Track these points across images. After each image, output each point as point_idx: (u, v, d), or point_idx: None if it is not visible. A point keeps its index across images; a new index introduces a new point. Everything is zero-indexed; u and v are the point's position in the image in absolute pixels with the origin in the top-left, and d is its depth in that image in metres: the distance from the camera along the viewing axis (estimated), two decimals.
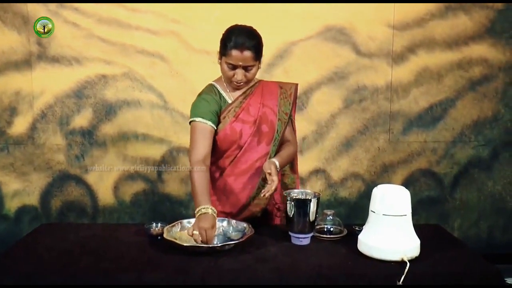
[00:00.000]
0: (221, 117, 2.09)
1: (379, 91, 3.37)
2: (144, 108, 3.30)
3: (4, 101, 3.26)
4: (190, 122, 2.09)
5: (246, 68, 2.01)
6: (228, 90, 2.14)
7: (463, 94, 3.41)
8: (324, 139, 3.40)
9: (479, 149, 3.48)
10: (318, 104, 3.32)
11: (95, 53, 3.23)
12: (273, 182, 1.92)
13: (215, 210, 1.86)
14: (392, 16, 3.29)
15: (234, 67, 2.00)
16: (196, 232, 1.76)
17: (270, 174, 1.93)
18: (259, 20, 2.20)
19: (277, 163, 2.02)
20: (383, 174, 3.45)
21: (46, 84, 3.26)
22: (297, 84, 2.27)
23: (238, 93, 2.13)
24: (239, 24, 2.08)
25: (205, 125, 2.04)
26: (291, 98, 2.20)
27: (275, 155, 2.12)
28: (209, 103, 2.07)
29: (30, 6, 3.16)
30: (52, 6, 3.17)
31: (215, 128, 2.07)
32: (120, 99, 3.29)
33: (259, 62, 2.07)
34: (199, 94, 2.14)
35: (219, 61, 2.08)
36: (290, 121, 2.23)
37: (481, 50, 3.37)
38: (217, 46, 3.24)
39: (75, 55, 3.23)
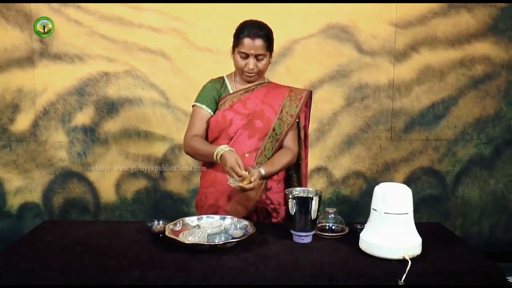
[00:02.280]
0: (219, 104, 2.17)
1: (381, 89, 3.37)
2: (146, 105, 3.31)
3: (6, 98, 3.27)
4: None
5: (257, 58, 2.08)
6: (234, 82, 2.20)
7: (466, 92, 3.41)
8: (326, 137, 3.40)
9: (481, 147, 3.47)
10: (320, 102, 3.31)
11: (97, 51, 3.24)
12: (248, 186, 1.94)
13: (226, 147, 2.00)
14: (394, 14, 3.28)
15: (246, 56, 2.08)
16: (231, 180, 1.94)
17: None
18: (261, 18, 2.20)
19: (262, 171, 2.04)
20: (384, 172, 3.45)
21: (48, 82, 3.26)
22: (310, 91, 2.28)
23: (242, 86, 2.17)
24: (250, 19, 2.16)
25: (201, 109, 2.17)
26: (300, 102, 2.21)
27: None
28: (209, 90, 2.19)
29: (33, 4, 3.16)
30: (55, 4, 3.17)
31: (212, 113, 2.17)
32: (122, 96, 3.30)
33: (270, 56, 2.15)
34: (206, 83, 2.25)
35: (232, 55, 2.15)
36: (298, 128, 2.25)
37: (483, 48, 3.36)
38: (219, 44, 3.26)
39: (77, 52, 3.24)
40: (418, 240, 1.70)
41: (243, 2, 3.16)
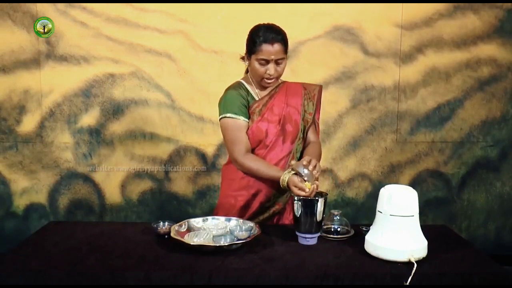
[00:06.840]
0: (249, 112, 2.11)
1: (386, 91, 3.36)
2: (151, 107, 3.32)
3: (13, 99, 3.29)
4: (220, 118, 2.11)
5: (277, 62, 2.04)
6: (255, 88, 2.16)
7: (471, 94, 3.39)
8: (332, 139, 3.40)
9: (487, 149, 3.46)
10: (326, 104, 3.29)
11: (103, 52, 3.25)
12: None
13: (289, 173, 1.92)
14: (400, 15, 3.28)
15: (266, 62, 2.03)
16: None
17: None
18: (266, 20, 2.19)
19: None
20: (390, 174, 3.44)
21: (55, 83, 3.28)
22: (321, 86, 2.29)
23: (264, 92, 2.16)
24: (262, 23, 2.11)
25: (239, 120, 2.08)
26: (315, 99, 2.22)
27: (301, 155, 2.16)
28: (238, 98, 2.10)
29: (39, 5, 3.18)
30: (61, 5, 3.19)
31: (248, 122, 2.10)
32: (127, 98, 3.31)
33: (286, 57, 2.10)
34: (227, 89, 2.15)
35: (247, 61, 2.11)
36: (314, 122, 2.25)
37: (489, 49, 3.35)
38: (224, 46, 3.26)
39: (83, 54, 3.25)
40: (424, 242, 1.70)
41: (248, 2, 3.16)
